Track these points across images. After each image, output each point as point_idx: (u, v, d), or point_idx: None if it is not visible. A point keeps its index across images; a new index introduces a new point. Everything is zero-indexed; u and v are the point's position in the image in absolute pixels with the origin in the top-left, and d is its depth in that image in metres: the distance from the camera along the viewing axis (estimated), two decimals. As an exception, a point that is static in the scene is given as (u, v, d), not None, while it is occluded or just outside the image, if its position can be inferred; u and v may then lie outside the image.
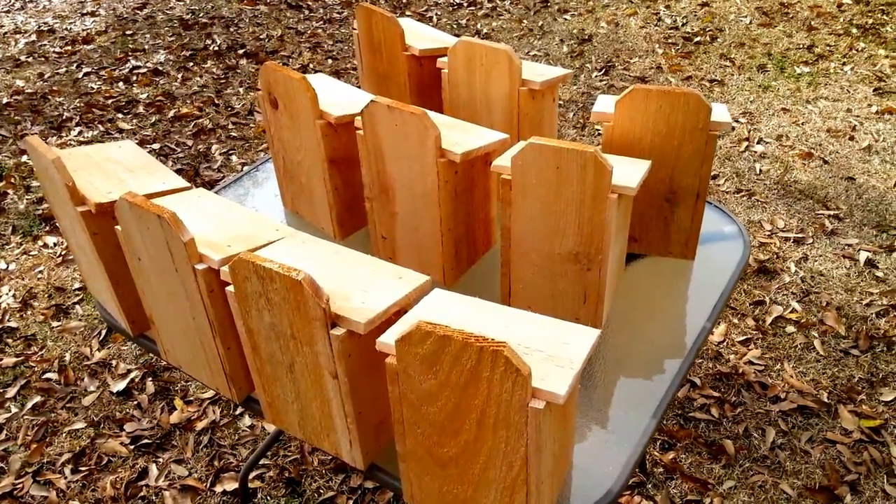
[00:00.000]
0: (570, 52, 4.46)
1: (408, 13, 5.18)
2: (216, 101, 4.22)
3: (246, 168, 2.01)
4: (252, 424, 2.37)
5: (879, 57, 4.11)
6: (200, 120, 4.03)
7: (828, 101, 3.76)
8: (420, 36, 1.80)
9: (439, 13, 5.13)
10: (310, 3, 5.50)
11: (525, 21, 4.90)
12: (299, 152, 1.62)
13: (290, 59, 4.67)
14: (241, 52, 4.79)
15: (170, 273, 1.20)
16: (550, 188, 1.28)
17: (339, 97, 1.60)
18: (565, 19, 4.90)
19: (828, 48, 4.26)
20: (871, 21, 4.50)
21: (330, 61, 4.61)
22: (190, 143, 3.82)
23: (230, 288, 1.10)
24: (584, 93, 4.01)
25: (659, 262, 1.60)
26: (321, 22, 5.18)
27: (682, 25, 4.66)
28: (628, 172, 1.32)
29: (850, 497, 2.06)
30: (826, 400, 2.31)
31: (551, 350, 0.99)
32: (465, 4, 5.24)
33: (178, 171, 3.54)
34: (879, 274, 2.72)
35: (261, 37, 4.99)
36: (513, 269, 1.42)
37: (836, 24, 4.51)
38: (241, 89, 4.35)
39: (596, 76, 4.16)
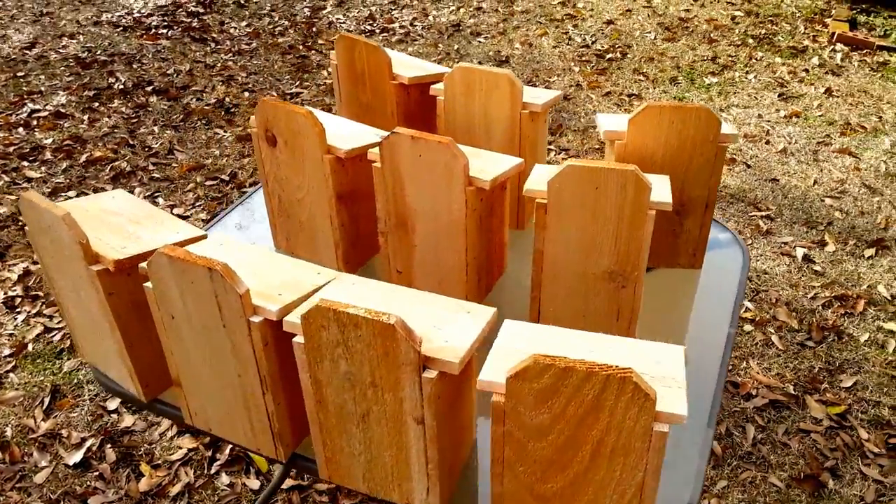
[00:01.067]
0: (489, 73, 4.53)
1: (320, 41, 5.12)
2: (131, 142, 4.00)
3: (220, 214, 1.91)
4: (231, 483, 2.23)
5: (777, 64, 4.42)
6: (117, 163, 3.80)
7: (739, 108, 4.00)
8: (405, 64, 1.77)
9: (352, 41, 5.09)
10: (214, 35, 5.33)
11: (440, 45, 4.95)
12: (300, 190, 1.55)
13: (204, 94, 4.50)
14: (148, 89, 4.57)
15: (213, 329, 1.11)
16: (587, 209, 1.28)
17: (338, 130, 1.55)
18: (480, 42, 4.98)
19: (730, 59, 4.54)
20: (763, 31, 4.84)
21: (247, 94, 4.48)
22: (109, 187, 3.60)
23: (298, 339, 1.03)
24: (512, 113, 4.08)
25: (667, 274, 1.63)
26: (230, 54, 5.03)
27: (593, 43, 4.84)
28: (657, 188, 1.34)
29: (833, 482, 2.16)
30: (793, 392, 2.43)
31: (650, 371, 0.99)
32: (378, 31, 5.23)
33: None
34: (817, 268, 2.90)
35: (168, 72, 4.79)
36: (544, 291, 1.41)
37: (733, 36, 4.81)
38: (155, 128, 4.14)
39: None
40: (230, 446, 2.33)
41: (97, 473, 2.26)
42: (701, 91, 4.18)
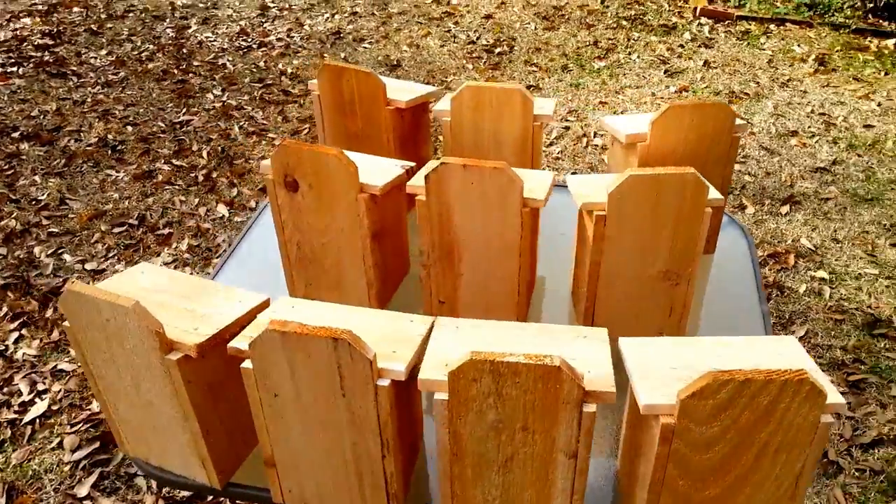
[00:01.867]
0: (385, 79, 4.49)
1: (195, 62, 4.85)
2: (13, 197, 3.62)
3: (216, 268, 1.78)
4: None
5: (654, 43, 4.69)
6: (4, 222, 3.44)
7: (632, 88, 4.20)
8: (394, 88, 1.72)
9: (231, 59, 4.87)
10: (74, 67, 4.92)
11: (326, 55, 4.84)
12: (326, 234, 1.47)
13: (81, 134, 4.15)
14: (15, 135, 4.15)
15: (328, 401, 1.04)
16: (646, 216, 1.31)
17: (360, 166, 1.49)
18: (365, 48, 4.92)
19: (610, 42, 4.76)
20: (633, 13, 5.11)
21: (130, 128, 4.18)
22: (3, 251, 3.25)
23: (440, 396, 0.99)
24: (421, 116, 4.07)
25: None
26: (98, 87, 4.66)
27: (478, 39, 4.91)
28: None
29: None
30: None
31: (779, 364, 1.03)
32: (255, 46, 5.04)
33: (3, 288, 2.99)
34: (743, 229, 3.12)
35: (32, 114, 4.37)
36: (598, 300, 1.43)
37: (607, 20, 5.05)
38: (37, 177, 3.78)
39: (423, 99, 4.24)
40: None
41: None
42: (593, 76, 4.36)
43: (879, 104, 3.94)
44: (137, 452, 1.29)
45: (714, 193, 1.34)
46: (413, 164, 1.53)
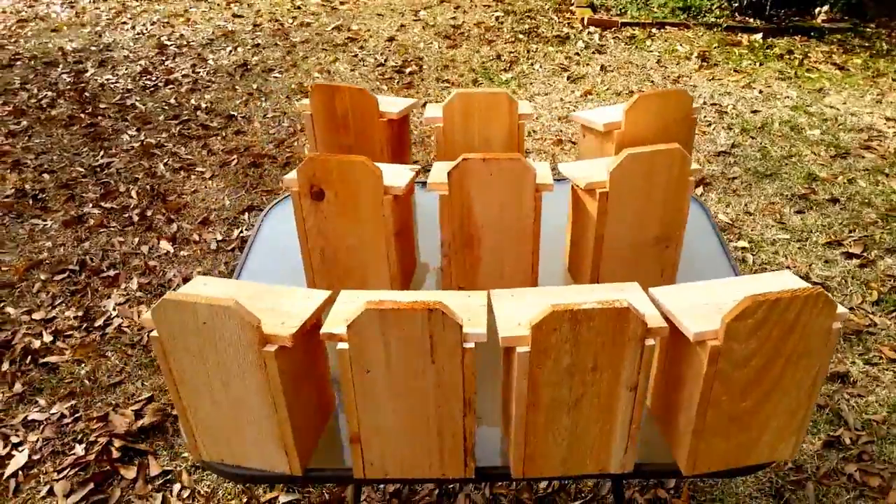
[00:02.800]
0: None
1: (101, 105, 4.76)
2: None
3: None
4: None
5: (552, 53, 5.03)
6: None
7: (541, 95, 4.50)
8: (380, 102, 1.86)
9: (140, 98, 4.81)
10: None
11: (238, 87, 4.88)
12: (350, 237, 1.60)
13: (-6, 186, 4.00)
14: (-80, 193, 3.94)
15: (417, 368, 1.17)
16: (642, 188, 1.52)
17: (372, 172, 1.62)
18: (276, 77, 4.99)
19: (511, 55, 5.06)
20: (527, 27, 5.45)
21: (47, 175, 4.06)
22: (-64, 311, 3.11)
23: (522, 349, 1.14)
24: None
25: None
26: (2, 138, 4.49)
27: (386, 61, 5.09)
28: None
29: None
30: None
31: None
32: (163, 84, 5.00)
33: (-41, 344, 2.88)
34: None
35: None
36: (602, 270, 1.62)
37: (505, 35, 5.36)
38: (-46, 234, 3.61)
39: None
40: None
41: None
42: (503, 87, 4.63)
43: (761, 91, 4.42)
44: (213, 455, 1.36)
45: (694, 165, 1.56)
46: (419, 167, 1.68)
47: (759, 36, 5.15)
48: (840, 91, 4.43)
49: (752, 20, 5.34)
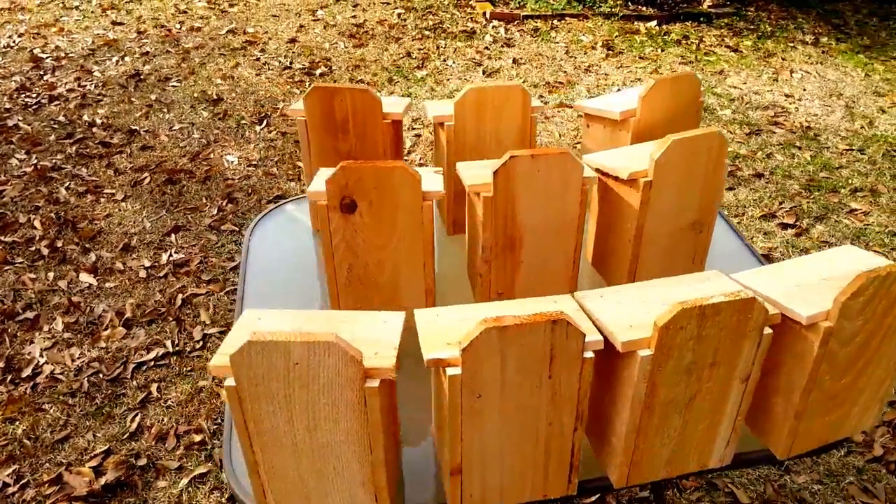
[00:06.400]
0: (211, 115, 4.30)
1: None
2: None
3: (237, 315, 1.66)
4: None
5: (462, 48, 4.99)
6: None
7: (460, 91, 4.45)
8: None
9: (22, 118, 4.34)
10: None
11: (134, 100, 4.51)
12: (384, 249, 1.47)
13: None
14: None
15: (533, 384, 1.08)
16: (682, 175, 1.50)
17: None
18: (175, 86, 4.65)
19: (422, 52, 4.98)
20: (431, 23, 5.38)
21: (-75, 211, 3.58)
22: None
23: (644, 353, 1.08)
24: (268, 144, 3.97)
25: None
26: None
27: (291, 64, 4.87)
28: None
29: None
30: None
31: (871, 264, 1.26)
32: (47, 102, 4.54)
33: None
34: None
35: None
36: (641, 259, 1.59)
37: (410, 32, 5.27)
38: None
39: (262, 129, 4.13)
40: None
41: None
42: (420, 84, 4.54)
43: (668, 76, 4.58)
44: (290, 509, 1.20)
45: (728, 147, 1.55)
46: (441, 168, 1.58)
47: (654, 23, 5.35)
48: (739, 72, 4.68)
49: (644, 9, 5.54)
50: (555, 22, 5.36)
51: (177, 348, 2.75)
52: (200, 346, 2.76)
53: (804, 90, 4.44)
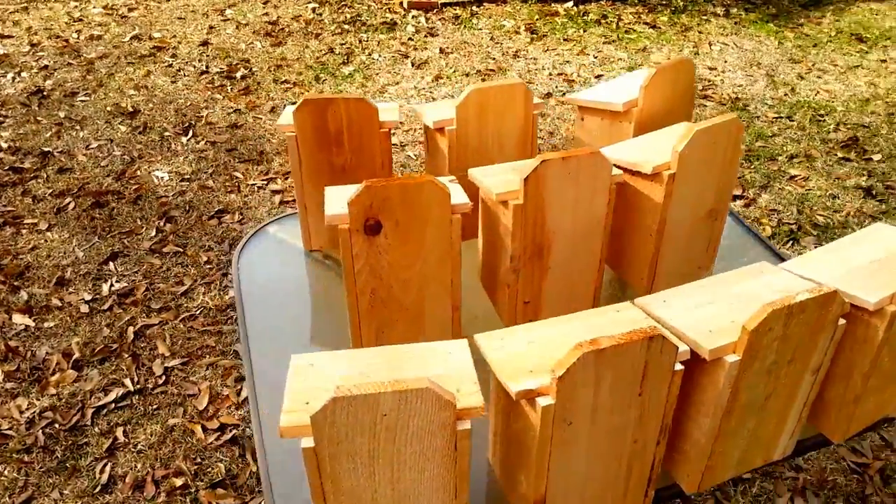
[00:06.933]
0: (130, 129, 4.02)
1: None
2: None
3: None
4: None
5: (385, 40, 4.87)
6: None
7: (392, 85, 4.35)
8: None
9: (-88, 148, 3.93)
10: None
11: (41, 119, 4.16)
12: (410, 269, 1.38)
13: None
14: None
15: (623, 404, 1.03)
16: (702, 165, 1.47)
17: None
18: (84, 101, 4.32)
19: (345, 46, 4.82)
20: (349, 16, 5.22)
21: None
22: None
23: (731, 358, 1.04)
24: (198, 156, 3.75)
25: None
26: None
27: (208, 68, 4.62)
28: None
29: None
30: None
31: None
32: (-63, 127, 4.13)
33: None
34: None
35: None
36: (662, 253, 1.56)
37: (329, 27, 5.09)
38: None
39: (188, 140, 3.90)
40: None
41: None
42: (349, 80, 4.40)
43: (595, 56, 4.62)
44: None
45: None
46: (454, 177, 1.50)
47: (570, 4, 5.39)
48: (661, 48, 4.77)
49: (559, -10, 5.56)
50: (474, 8, 5.31)
51: (138, 386, 2.55)
52: (164, 381, 2.57)
53: (725, 62, 4.57)
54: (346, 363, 1.08)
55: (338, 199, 1.35)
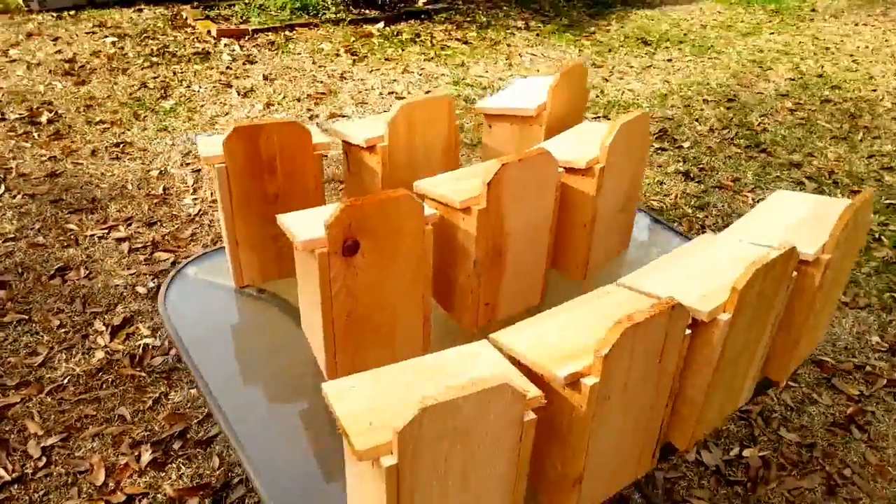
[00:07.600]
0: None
1: None
2: None
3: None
4: None
5: (202, 70, 4.66)
6: None
7: (222, 116, 4.18)
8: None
9: None
10: None
11: None
12: (383, 286, 1.38)
13: None
14: None
15: (647, 374, 1.12)
16: (624, 156, 1.62)
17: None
18: None
19: (159, 80, 4.55)
20: (154, 48, 4.93)
21: None
22: None
23: (723, 316, 1.17)
24: (18, 212, 3.36)
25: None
26: None
27: (4, 115, 4.14)
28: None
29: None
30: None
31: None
32: None
33: None
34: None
35: None
36: (593, 246, 1.69)
37: (136, 60, 4.77)
38: None
39: (2, 196, 3.48)
40: None
41: None
42: (171, 115, 4.17)
43: (420, 74, 4.77)
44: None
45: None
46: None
47: (381, 24, 5.51)
48: (477, 62, 5.03)
49: (368, 11, 5.67)
50: (287, 33, 5.25)
51: (15, 474, 2.24)
52: (45, 463, 2.28)
53: (538, 71, 4.93)
54: (384, 381, 1.06)
55: (306, 224, 1.32)
